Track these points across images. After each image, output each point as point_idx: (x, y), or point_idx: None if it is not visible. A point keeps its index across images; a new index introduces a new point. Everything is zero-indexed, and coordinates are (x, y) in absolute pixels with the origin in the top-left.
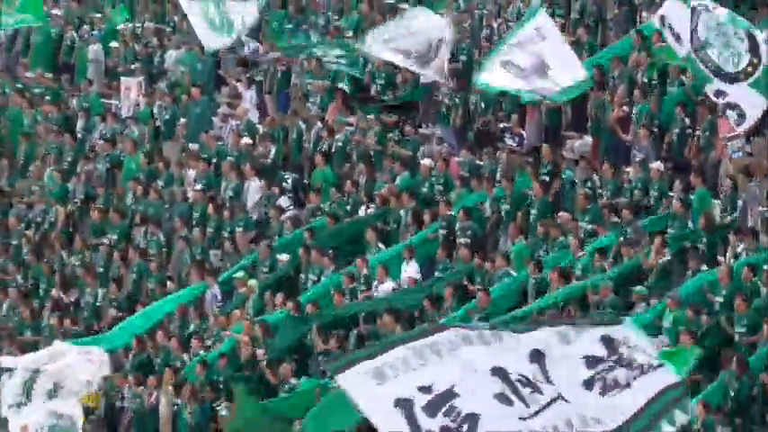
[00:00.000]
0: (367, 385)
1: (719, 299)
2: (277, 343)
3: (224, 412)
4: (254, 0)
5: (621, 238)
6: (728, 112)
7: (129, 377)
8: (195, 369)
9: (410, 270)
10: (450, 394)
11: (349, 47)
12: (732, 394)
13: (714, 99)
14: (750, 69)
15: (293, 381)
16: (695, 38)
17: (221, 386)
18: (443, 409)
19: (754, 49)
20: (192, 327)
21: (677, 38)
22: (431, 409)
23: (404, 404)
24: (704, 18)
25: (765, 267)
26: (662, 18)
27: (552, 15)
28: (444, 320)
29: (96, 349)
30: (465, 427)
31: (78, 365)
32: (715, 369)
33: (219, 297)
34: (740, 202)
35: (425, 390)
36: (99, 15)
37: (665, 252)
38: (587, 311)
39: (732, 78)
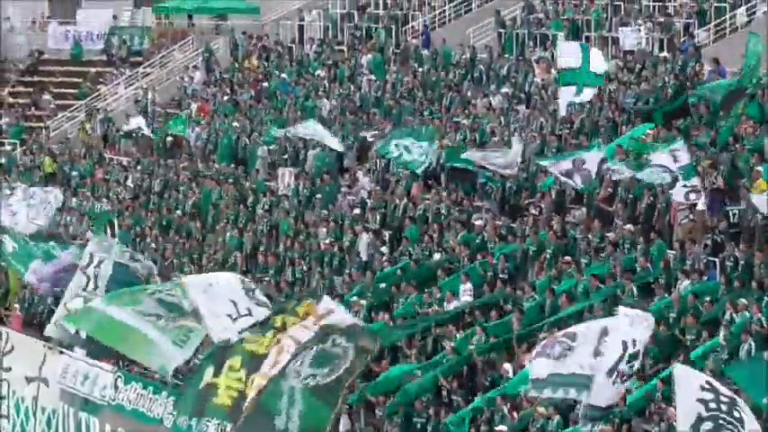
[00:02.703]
0: None
1: (673, 315)
2: (378, 344)
3: None
4: None
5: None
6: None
7: None
8: None
9: (466, 288)
10: None
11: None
12: None
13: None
14: None
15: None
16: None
17: None
18: None
19: None
20: None
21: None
22: None
23: None
24: None
25: (705, 297)
26: None
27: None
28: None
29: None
30: None
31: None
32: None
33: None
34: (688, 262)
35: None
36: (265, 127)
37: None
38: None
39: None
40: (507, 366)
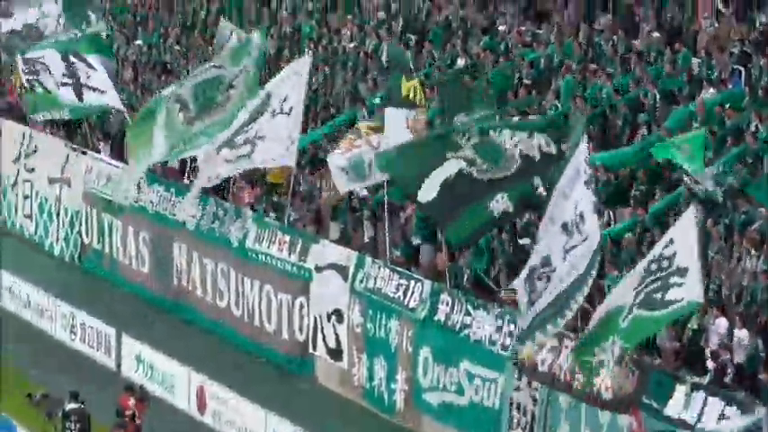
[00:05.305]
0: None
1: (697, 125)
2: None
3: None
4: None
5: None
6: None
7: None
8: None
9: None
10: None
11: None
12: None
13: None
14: None
15: None
16: None
17: None
18: None
19: None
20: None
21: None
22: None
23: None
24: None
25: (726, 105)
26: None
27: None
28: None
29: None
30: None
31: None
32: None
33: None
34: (714, 71)
35: None
36: None
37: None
38: None
39: None
40: None
